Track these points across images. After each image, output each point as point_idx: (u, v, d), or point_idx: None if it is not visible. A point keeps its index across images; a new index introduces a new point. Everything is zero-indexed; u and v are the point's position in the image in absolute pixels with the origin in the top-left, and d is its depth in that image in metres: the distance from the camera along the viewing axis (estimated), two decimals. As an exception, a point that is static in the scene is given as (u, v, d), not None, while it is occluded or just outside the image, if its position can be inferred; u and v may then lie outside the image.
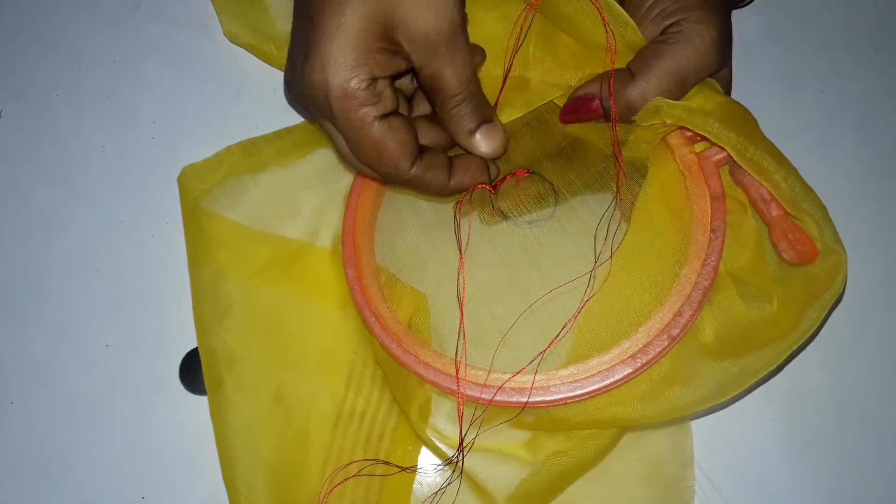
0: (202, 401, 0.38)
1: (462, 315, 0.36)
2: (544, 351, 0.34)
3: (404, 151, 0.34)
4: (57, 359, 0.40)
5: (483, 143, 0.36)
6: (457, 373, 0.34)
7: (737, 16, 0.41)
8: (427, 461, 0.38)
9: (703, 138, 0.37)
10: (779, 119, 0.41)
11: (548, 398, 0.34)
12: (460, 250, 0.37)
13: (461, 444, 0.35)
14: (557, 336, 0.34)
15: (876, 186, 0.42)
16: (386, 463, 0.37)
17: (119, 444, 0.39)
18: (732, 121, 0.34)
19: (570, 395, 0.33)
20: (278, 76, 0.44)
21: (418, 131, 0.35)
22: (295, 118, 0.43)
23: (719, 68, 0.37)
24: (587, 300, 0.35)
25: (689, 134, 0.37)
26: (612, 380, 0.33)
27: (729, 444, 0.38)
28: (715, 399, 0.34)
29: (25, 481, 0.38)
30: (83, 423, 0.39)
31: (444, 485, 0.36)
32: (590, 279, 0.35)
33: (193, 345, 0.39)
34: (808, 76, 0.44)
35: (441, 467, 0.37)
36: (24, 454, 0.38)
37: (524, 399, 0.33)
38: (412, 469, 0.37)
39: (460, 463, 0.35)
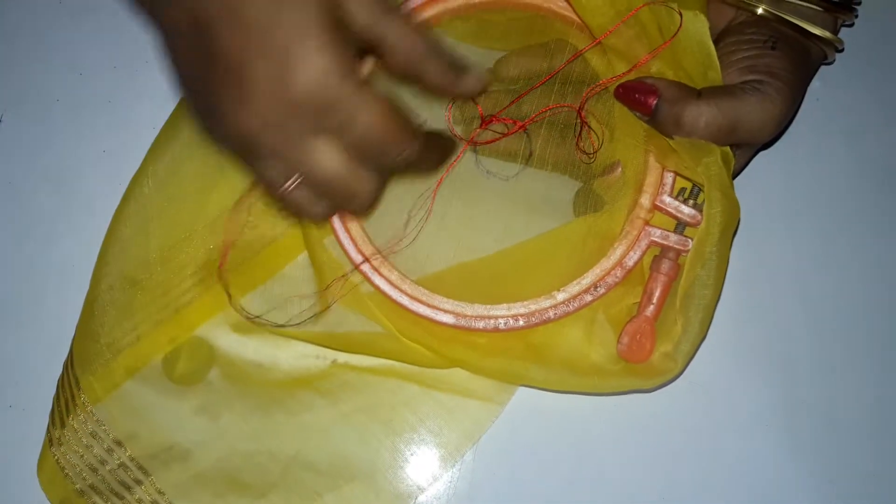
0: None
1: None
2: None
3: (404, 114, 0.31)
4: (55, 363, 0.41)
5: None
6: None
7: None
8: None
9: (668, 215, 0.38)
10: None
11: (375, 280, 0.38)
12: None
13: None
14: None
15: (868, 195, 0.43)
16: None
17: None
18: (730, 214, 0.36)
19: (392, 294, 0.38)
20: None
21: None
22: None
23: (761, 143, 0.37)
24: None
25: (663, 207, 0.38)
26: (427, 314, 0.38)
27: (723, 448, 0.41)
28: (495, 377, 0.39)
29: (24, 485, 0.40)
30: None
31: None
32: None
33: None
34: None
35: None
36: (23, 458, 0.40)
37: (372, 275, 0.39)
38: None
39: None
